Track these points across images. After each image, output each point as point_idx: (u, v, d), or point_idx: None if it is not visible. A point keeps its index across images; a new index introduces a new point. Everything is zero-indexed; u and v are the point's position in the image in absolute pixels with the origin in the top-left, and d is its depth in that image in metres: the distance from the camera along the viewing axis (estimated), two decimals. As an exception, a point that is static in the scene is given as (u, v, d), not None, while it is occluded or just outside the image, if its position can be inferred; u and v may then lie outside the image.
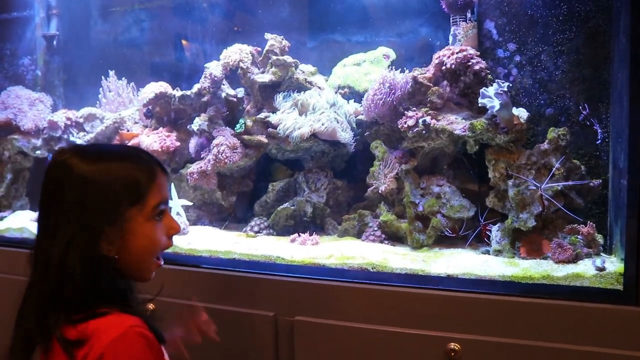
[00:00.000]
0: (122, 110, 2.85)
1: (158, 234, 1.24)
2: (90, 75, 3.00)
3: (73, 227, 1.12)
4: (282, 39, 2.44)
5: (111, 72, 2.88)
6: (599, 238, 1.82)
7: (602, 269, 1.64)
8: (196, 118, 2.51)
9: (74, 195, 1.14)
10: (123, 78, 2.90)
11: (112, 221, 1.15)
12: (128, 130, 2.72)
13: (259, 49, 2.49)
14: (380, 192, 2.13)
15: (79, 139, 2.79)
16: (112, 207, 1.15)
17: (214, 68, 2.49)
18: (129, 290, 1.29)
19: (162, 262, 1.30)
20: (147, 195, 1.20)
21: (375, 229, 2.13)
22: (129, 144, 2.62)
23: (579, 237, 1.80)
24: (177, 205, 2.39)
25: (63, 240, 1.11)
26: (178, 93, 2.59)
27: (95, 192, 1.14)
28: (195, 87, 2.54)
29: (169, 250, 2.13)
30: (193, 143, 2.51)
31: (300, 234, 2.18)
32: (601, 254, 1.80)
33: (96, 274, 1.13)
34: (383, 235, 2.12)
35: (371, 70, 2.36)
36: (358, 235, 2.19)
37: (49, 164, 1.21)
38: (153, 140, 2.57)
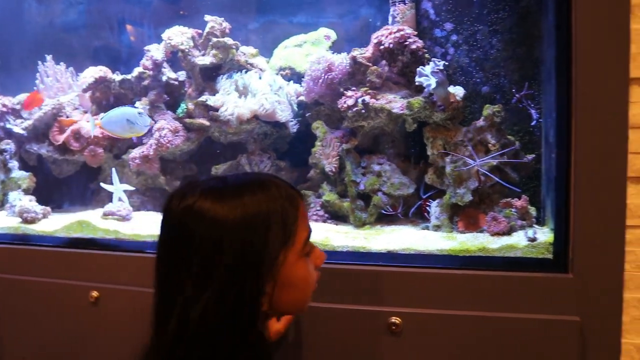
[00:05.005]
0: (61, 95, 2.77)
1: (311, 270, 1.09)
2: (26, 60, 2.90)
3: (219, 284, 0.94)
4: (223, 21, 2.41)
5: (48, 57, 2.80)
6: (532, 210, 1.88)
7: (533, 240, 1.70)
8: (137, 102, 2.47)
9: (210, 247, 0.95)
10: (61, 63, 2.82)
11: (265, 270, 0.98)
12: (67, 117, 2.66)
13: (200, 31, 2.46)
14: (329, 172, 2.15)
15: (17, 126, 2.71)
16: (261, 253, 0.97)
17: (155, 51, 2.45)
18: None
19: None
20: (296, 230, 1.03)
21: (318, 208, 2.15)
22: (68, 130, 2.57)
23: (513, 210, 1.86)
24: (119, 191, 2.36)
25: (208, 299, 0.94)
26: (118, 77, 2.54)
27: (238, 239, 0.95)
28: (136, 71, 2.50)
29: (111, 236, 2.14)
30: (134, 127, 2.47)
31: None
32: (534, 225, 1.86)
33: (248, 336, 0.96)
34: (326, 215, 2.15)
35: (312, 51, 2.36)
36: (302, 215, 2.21)
37: (168, 211, 1.03)
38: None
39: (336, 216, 2.16)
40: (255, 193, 1.00)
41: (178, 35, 2.40)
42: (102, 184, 2.46)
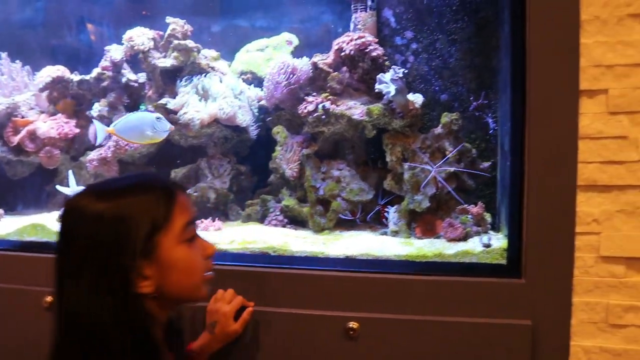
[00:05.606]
0: (16, 95, 2.71)
1: (194, 256, 1.17)
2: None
3: (99, 269, 1.03)
4: (185, 23, 2.39)
5: (3, 54, 2.73)
6: (488, 217, 1.93)
7: (488, 246, 1.74)
8: (96, 103, 2.43)
9: (91, 236, 1.04)
10: (17, 61, 2.76)
11: (141, 254, 1.06)
12: (22, 117, 2.60)
13: (161, 33, 2.43)
14: (290, 177, 2.15)
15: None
16: (137, 238, 1.05)
17: (114, 51, 2.42)
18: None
19: (213, 274, 1.24)
20: (171, 217, 1.12)
21: (278, 213, 2.15)
22: (24, 130, 2.51)
23: (469, 216, 1.89)
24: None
25: (91, 287, 1.02)
26: (76, 77, 2.50)
27: (115, 227, 1.04)
28: (95, 71, 2.46)
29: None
30: (93, 129, 2.43)
31: (203, 220, 2.16)
32: (489, 231, 1.91)
33: (132, 318, 1.04)
34: (285, 220, 2.15)
35: (274, 56, 2.37)
36: (262, 220, 2.21)
37: (62, 211, 1.12)
38: (50, 126, 2.48)
39: (295, 221, 2.17)
40: (132, 190, 1.11)
41: (139, 36, 2.38)
42: (58, 187, 2.41)
